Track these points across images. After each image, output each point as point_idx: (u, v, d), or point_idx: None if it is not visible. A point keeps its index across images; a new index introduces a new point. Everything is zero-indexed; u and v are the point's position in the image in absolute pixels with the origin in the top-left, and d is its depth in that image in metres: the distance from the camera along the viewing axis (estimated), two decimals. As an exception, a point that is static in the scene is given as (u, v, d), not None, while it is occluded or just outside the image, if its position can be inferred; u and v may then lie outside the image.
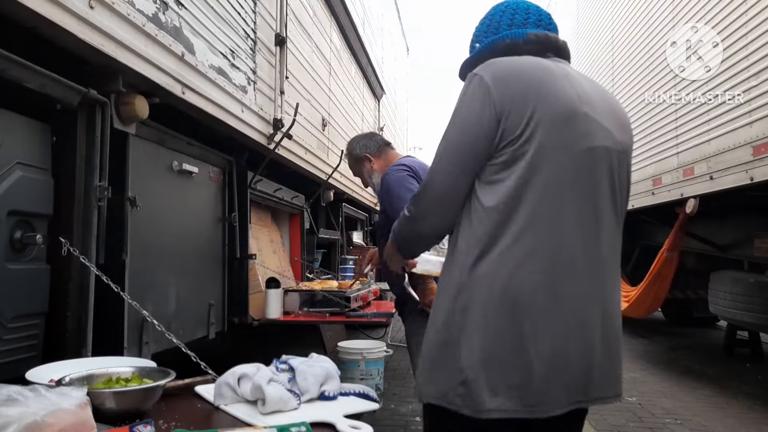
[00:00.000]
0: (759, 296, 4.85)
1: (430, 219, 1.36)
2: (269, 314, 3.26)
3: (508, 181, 1.24)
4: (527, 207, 1.23)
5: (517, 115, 1.24)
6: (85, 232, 1.94)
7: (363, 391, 1.48)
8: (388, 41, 9.47)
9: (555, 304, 1.23)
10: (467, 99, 1.31)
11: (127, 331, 2.14)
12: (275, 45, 3.42)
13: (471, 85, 1.31)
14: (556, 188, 1.24)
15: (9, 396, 0.98)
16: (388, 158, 2.69)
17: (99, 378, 1.37)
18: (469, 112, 1.29)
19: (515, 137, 1.24)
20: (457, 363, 1.24)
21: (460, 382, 1.23)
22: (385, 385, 4.30)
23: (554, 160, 1.24)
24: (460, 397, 1.23)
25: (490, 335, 1.22)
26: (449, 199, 1.32)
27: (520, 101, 1.25)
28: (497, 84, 1.27)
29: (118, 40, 1.85)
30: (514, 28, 1.43)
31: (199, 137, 2.83)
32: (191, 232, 2.74)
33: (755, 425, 3.86)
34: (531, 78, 1.28)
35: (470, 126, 1.28)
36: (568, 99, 1.28)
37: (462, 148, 1.29)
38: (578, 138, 1.27)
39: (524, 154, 1.24)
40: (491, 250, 1.24)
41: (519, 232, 1.23)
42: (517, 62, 1.32)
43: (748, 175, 3.84)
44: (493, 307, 1.22)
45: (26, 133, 1.82)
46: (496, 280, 1.23)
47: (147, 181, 2.32)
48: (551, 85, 1.28)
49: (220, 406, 1.36)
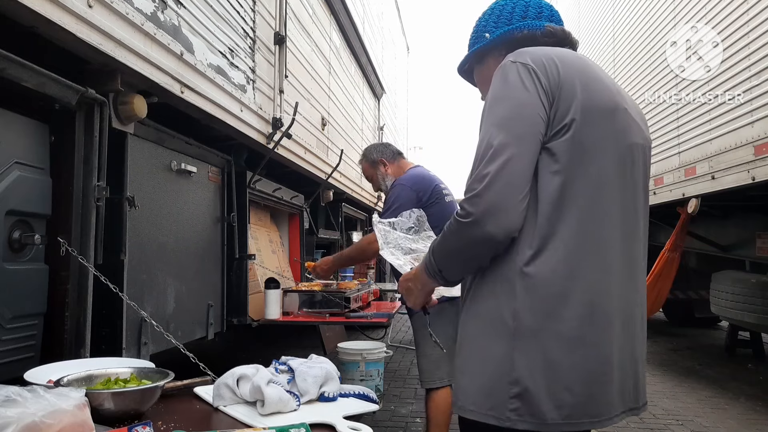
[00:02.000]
0: (761, 296, 4.85)
1: (501, 216, 1.12)
2: (268, 315, 3.25)
3: (558, 175, 1.15)
4: (578, 203, 1.15)
5: (565, 103, 1.16)
6: (83, 232, 1.93)
7: (363, 392, 1.47)
8: (388, 40, 9.47)
9: (608, 307, 1.16)
10: (512, 84, 1.18)
11: (126, 332, 2.13)
12: (274, 44, 3.42)
13: (512, 71, 1.19)
14: (605, 185, 1.19)
15: (8, 396, 0.98)
16: (400, 165, 3.09)
17: (98, 379, 1.36)
18: (521, 97, 1.16)
19: (563, 126, 1.15)
20: (510, 374, 1.14)
21: (514, 395, 1.13)
22: (385, 386, 4.29)
23: (602, 155, 1.19)
24: (515, 411, 1.13)
25: (551, 341, 1.13)
26: (519, 191, 1.13)
27: (568, 88, 1.17)
28: (541, 69, 1.18)
29: (117, 39, 1.84)
30: (528, 20, 1.36)
31: (197, 137, 2.82)
32: (190, 232, 2.74)
33: (756, 426, 3.85)
34: (574, 66, 1.21)
35: (527, 111, 1.15)
36: (610, 92, 1.24)
37: (523, 135, 1.14)
38: (621, 133, 1.23)
39: (573, 145, 1.15)
40: (543, 251, 1.14)
41: (570, 232, 1.14)
42: (554, 50, 1.25)
43: (750, 175, 3.83)
44: (549, 311, 1.13)
45: (24, 132, 1.81)
46: (552, 282, 1.14)
47: (145, 180, 2.31)
48: (593, 76, 1.23)
49: (219, 407, 1.35)
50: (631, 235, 1.24)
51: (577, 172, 1.16)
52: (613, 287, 1.18)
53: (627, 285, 1.22)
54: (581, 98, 1.17)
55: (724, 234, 5.34)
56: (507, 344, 1.15)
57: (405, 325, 7.60)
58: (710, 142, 4.45)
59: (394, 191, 2.84)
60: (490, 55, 1.43)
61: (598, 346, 1.14)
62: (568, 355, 1.12)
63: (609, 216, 1.19)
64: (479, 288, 1.24)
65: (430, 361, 2.75)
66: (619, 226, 1.21)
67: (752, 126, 3.85)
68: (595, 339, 1.14)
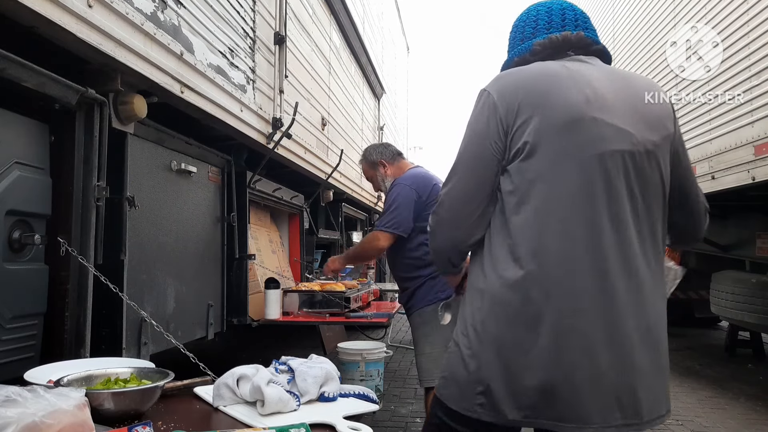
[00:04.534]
0: (761, 296, 4.85)
1: (447, 231, 1.38)
2: (268, 315, 3.25)
3: (516, 195, 1.26)
4: (535, 220, 1.23)
5: (521, 128, 1.26)
6: (83, 232, 1.93)
7: (363, 392, 1.47)
8: (388, 40, 9.46)
9: (574, 318, 1.19)
10: (476, 114, 1.34)
11: (126, 332, 2.13)
12: (274, 44, 3.42)
13: (479, 101, 1.35)
14: (565, 199, 1.23)
15: (8, 397, 0.98)
16: (400, 166, 3.08)
17: (97, 379, 1.36)
18: (477, 127, 1.33)
19: (519, 148, 1.26)
20: (477, 372, 1.26)
21: (479, 391, 1.25)
22: (385, 386, 4.29)
23: (560, 171, 1.23)
24: (480, 405, 1.25)
25: (507, 345, 1.23)
26: (464, 210, 1.34)
27: (525, 112, 1.26)
28: (502, 99, 1.30)
29: (117, 39, 1.84)
30: (526, 41, 1.44)
31: (197, 137, 2.82)
32: (190, 232, 2.74)
33: (756, 426, 3.85)
34: (533, 88, 1.29)
35: (479, 141, 1.32)
36: (572, 105, 1.25)
37: (472, 162, 1.33)
38: (584, 145, 1.24)
39: (529, 166, 1.25)
40: (507, 264, 1.25)
41: (529, 246, 1.23)
42: (522, 73, 1.34)
43: (750, 175, 3.84)
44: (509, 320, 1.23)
45: (24, 132, 1.81)
46: (512, 292, 1.23)
47: (145, 180, 2.31)
48: (554, 92, 1.27)
49: (219, 407, 1.35)
50: (622, 243, 1.23)
51: (532, 190, 1.24)
52: (587, 300, 1.20)
53: (624, 298, 1.21)
54: (537, 120, 1.25)
55: (724, 234, 5.33)
56: (475, 347, 1.28)
57: (405, 325, 7.60)
58: (710, 142, 4.45)
59: (393, 191, 2.86)
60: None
61: (558, 354, 1.19)
62: (524, 360, 1.21)
63: (571, 233, 1.22)
64: (467, 293, 1.40)
65: (430, 360, 2.75)
66: (597, 236, 1.22)
67: (752, 126, 3.85)
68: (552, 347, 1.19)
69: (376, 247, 2.90)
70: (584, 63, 1.36)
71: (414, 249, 2.83)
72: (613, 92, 1.30)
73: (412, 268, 2.85)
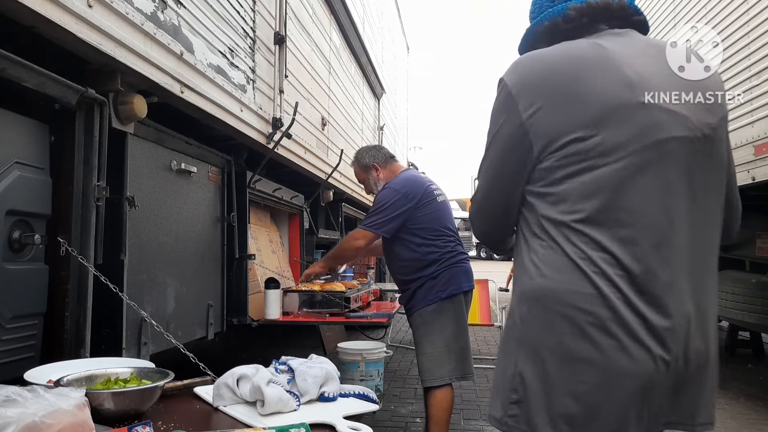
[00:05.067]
0: (760, 296, 4.84)
1: (477, 227, 1.35)
2: (268, 315, 3.25)
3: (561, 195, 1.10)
4: (591, 222, 1.07)
5: (553, 123, 1.09)
6: (83, 232, 1.93)
7: (363, 392, 1.47)
8: (388, 40, 9.46)
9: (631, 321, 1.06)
10: (495, 110, 1.20)
11: (126, 332, 2.13)
12: (274, 44, 3.41)
13: (499, 92, 1.19)
14: (622, 198, 1.07)
15: (8, 397, 0.98)
16: (392, 169, 3.10)
17: (97, 379, 1.36)
18: (497, 125, 1.19)
19: (559, 146, 1.09)
20: (512, 380, 1.14)
21: (514, 401, 1.13)
22: (385, 386, 4.29)
23: (612, 166, 1.06)
24: (513, 417, 1.12)
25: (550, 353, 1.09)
26: (488, 211, 1.28)
27: (556, 106, 1.09)
28: (522, 91, 1.13)
29: (117, 39, 1.84)
30: (557, 3, 1.24)
31: (197, 137, 2.82)
32: (190, 232, 2.74)
33: (757, 426, 3.85)
34: (560, 75, 1.11)
35: (499, 144, 1.19)
36: (615, 92, 1.08)
37: (495, 162, 1.21)
38: (635, 136, 1.07)
39: (574, 163, 1.08)
40: (555, 264, 1.11)
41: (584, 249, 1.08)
42: (544, 58, 1.15)
43: (750, 175, 3.83)
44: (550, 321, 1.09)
45: (24, 132, 1.81)
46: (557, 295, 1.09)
47: (145, 180, 2.31)
48: (591, 79, 1.09)
49: (219, 407, 1.35)
50: (676, 244, 1.09)
51: (586, 190, 1.08)
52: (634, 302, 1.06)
53: (682, 299, 1.08)
54: (573, 112, 1.08)
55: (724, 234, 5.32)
56: (514, 350, 1.15)
57: (405, 325, 7.60)
58: (710, 142, 4.44)
59: (384, 193, 2.88)
60: (537, 45, 1.30)
61: (606, 366, 1.05)
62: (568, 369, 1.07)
63: (632, 233, 1.07)
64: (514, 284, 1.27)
65: (431, 359, 2.75)
66: (653, 240, 1.07)
67: (752, 126, 3.85)
68: (605, 359, 1.05)
69: (354, 246, 2.93)
70: (620, 37, 1.16)
71: (414, 250, 2.84)
72: (659, 70, 1.12)
73: (412, 269, 2.86)
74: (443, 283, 2.81)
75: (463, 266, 2.91)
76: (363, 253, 3.23)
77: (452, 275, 2.84)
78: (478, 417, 3.92)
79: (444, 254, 2.85)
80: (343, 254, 3.18)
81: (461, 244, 2.99)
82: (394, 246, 2.90)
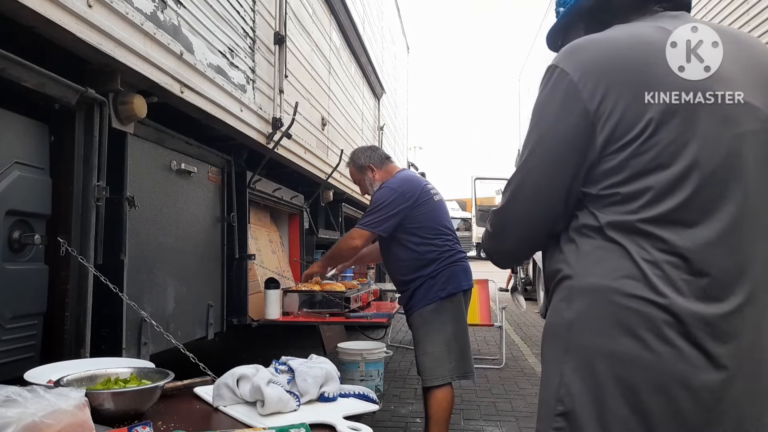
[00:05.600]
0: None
1: (512, 236, 1.19)
2: (268, 315, 3.25)
3: (631, 195, 1.02)
4: (660, 222, 1.00)
5: (612, 113, 1.01)
6: (83, 232, 1.93)
7: (363, 393, 1.47)
8: (388, 40, 9.46)
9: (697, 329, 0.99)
10: (547, 100, 1.09)
11: (126, 332, 2.13)
12: (274, 44, 3.41)
13: (551, 81, 1.08)
14: (701, 195, 1.00)
15: (8, 397, 0.98)
16: (388, 170, 3.09)
17: (97, 379, 1.36)
18: (550, 116, 1.08)
19: (630, 140, 1.01)
20: (559, 390, 1.07)
21: (560, 413, 1.06)
22: (385, 386, 4.29)
23: (683, 163, 1.00)
24: (559, 430, 1.06)
25: (605, 362, 1.02)
26: (535, 213, 1.14)
27: (615, 94, 1.01)
28: (586, 79, 1.03)
29: (117, 39, 1.84)
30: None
31: (197, 137, 2.82)
32: (190, 232, 2.73)
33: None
34: (627, 61, 1.02)
35: (553, 134, 1.08)
36: (683, 80, 1.01)
37: (547, 159, 1.09)
38: (708, 130, 1.00)
39: (648, 159, 1.00)
40: (612, 261, 1.03)
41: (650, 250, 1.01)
42: (607, 42, 1.06)
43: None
44: (605, 328, 1.02)
45: (24, 132, 1.81)
46: (614, 299, 1.02)
47: (145, 180, 2.31)
48: (662, 67, 1.01)
49: (219, 408, 1.35)
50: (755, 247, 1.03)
51: (662, 187, 1.01)
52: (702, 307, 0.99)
53: (752, 308, 1.02)
54: (638, 104, 1.00)
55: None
56: (559, 360, 1.08)
57: (405, 325, 7.58)
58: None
59: (381, 192, 2.88)
60: (571, 31, 1.25)
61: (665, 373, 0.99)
62: (623, 378, 1.01)
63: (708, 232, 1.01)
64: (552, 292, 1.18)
65: (432, 359, 2.75)
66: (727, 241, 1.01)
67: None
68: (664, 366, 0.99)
69: (351, 246, 2.93)
70: (677, 20, 1.08)
71: (412, 249, 2.84)
72: (728, 56, 1.05)
73: (411, 269, 2.86)
74: (443, 282, 2.81)
75: (462, 265, 2.91)
76: (357, 256, 3.23)
77: (451, 274, 2.84)
78: (478, 417, 3.92)
79: (443, 253, 2.85)
80: (341, 254, 3.18)
81: (459, 243, 2.99)
82: (392, 246, 2.90)
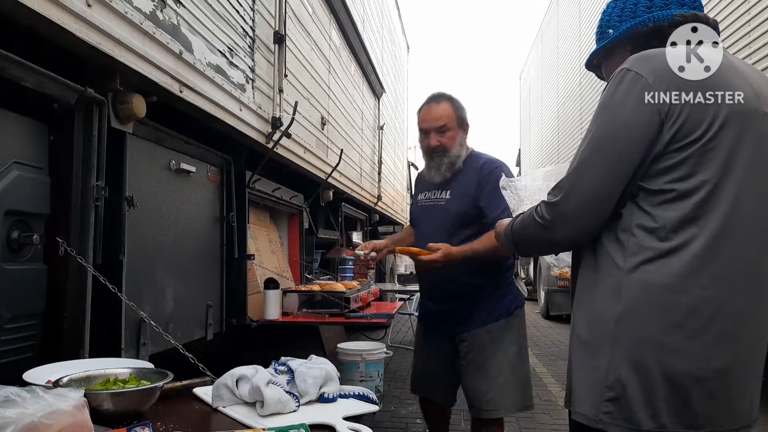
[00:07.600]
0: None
1: (568, 229, 1.25)
2: (268, 315, 3.25)
3: (687, 192, 1.13)
4: (713, 222, 1.12)
5: (689, 113, 1.13)
6: (82, 232, 1.92)
7: (362, 393, 1.47)
8: (388, 39, 9.46)
9: (725, 323, 1.13)
10: (621, 97, 1.18)
11: (125, 332, 2.13)
12: (274, 43, 3.41)
13: (625, 82, 1.18)
14: (753, 198, 1.14)
15: (6, 397, 0.97)
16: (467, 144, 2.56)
17: (96, 379, 1.36)
18: (625, 110, 1.17)
19: (693, 140, 1.12)
20: (608, 378, 1.17)
21: (609, 398, 1.17)
22: (385, 387, 4.29)
23: (747, 167, 1.13)
24: (608, 414, 1.17)
25: (653, 351, 1.14)
26: (596, 208, 1.21)
27: (692, 96, 1.14)
28: (660, 80, 1.15)
29: (116, 39, 1.83)
30: (655, 10, 1.29)
31: (197, 136, 2.81)
32: (189, 232, 2.73)
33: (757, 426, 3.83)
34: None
35: (625, 128, 1.17)
36: (746, 95, 1.15)
37: (614, 155, 1.18)
38: (758, 144, 1.14)
39: (708, 160, 1.12)
40: (661, 260, 1.14)
41: (701, 246, 1.12)
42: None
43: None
44: (655, 320, 1.13)
45: (23, 132, 1.80)
46: (667, 289, 1.13)
47: (144, 180, 2.31)
48: (723, 79, 1.15)
49: (218, 408, 1.35)
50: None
51: (717, 189, 1.13)
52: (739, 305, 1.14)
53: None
54: (712, 106, 1.13)
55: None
56: (608, 349, 1.18)
57: (405, 325, 7.59)
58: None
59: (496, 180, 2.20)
60: (615, 51, 1.37)
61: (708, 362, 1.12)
62: (670, 368, 1.13)
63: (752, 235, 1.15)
64: (589, 287, 1.27)
65: (495, 387, 2.35)
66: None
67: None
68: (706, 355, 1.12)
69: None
70: (721, 49, 1.24)
71: None
72: (762, 83, 1.21)
73: (491, 270, 2.39)
74: (515, 291, 2.45)
75: None
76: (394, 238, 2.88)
77: (513, 283, 2.48)
78: (478, 417, 3.91)
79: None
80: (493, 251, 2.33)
81: None
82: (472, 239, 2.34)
